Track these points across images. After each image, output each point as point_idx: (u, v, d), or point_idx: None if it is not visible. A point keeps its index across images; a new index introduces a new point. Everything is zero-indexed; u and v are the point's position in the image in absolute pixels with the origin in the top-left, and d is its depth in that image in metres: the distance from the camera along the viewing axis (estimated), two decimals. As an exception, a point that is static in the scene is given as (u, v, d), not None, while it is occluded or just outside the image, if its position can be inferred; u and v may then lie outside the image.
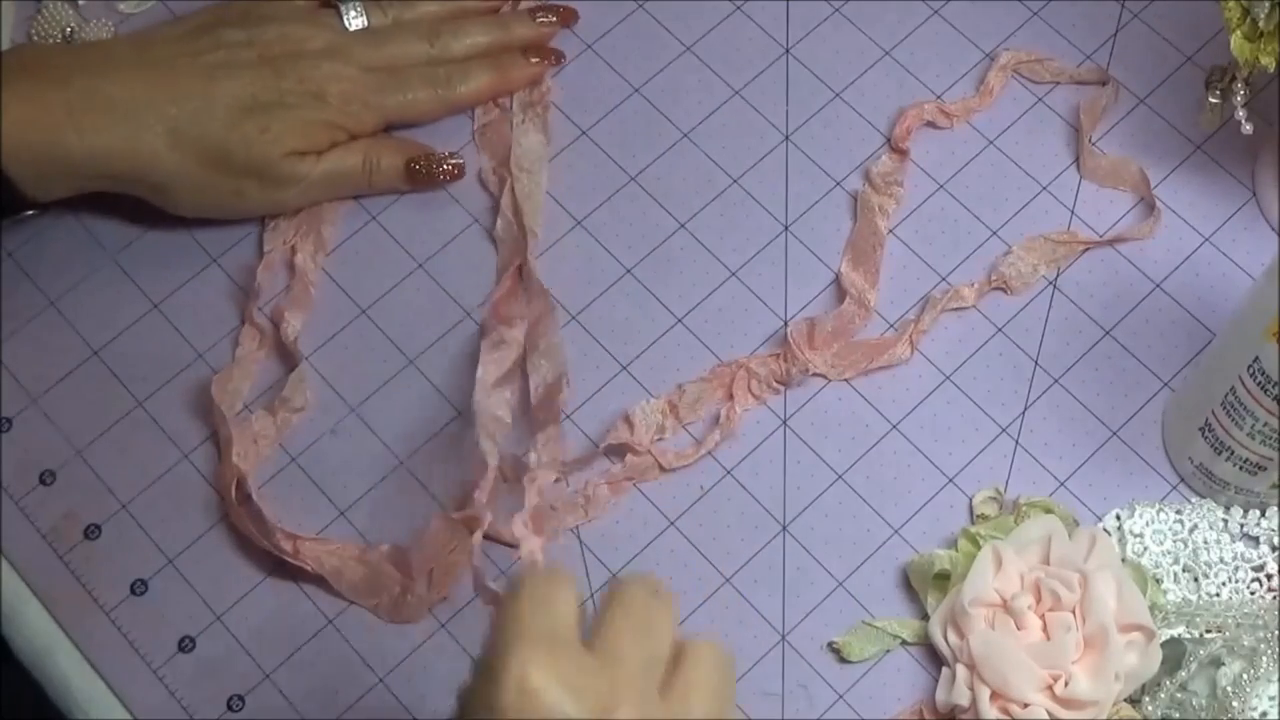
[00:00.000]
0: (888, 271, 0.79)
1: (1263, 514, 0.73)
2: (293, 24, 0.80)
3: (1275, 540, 0.73)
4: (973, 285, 0.78)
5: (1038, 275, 0.78)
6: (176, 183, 0.78)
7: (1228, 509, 0.74)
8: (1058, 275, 0.79)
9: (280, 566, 0.74)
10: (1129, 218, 0.80)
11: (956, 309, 0.78)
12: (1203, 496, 0.74)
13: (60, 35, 0.85)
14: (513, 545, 0.73)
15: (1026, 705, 0.68)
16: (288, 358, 0.78)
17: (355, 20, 0.81)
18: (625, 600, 0.57)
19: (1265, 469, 0.71)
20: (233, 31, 0.79)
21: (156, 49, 0.78)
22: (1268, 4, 0.70)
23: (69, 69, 0.76)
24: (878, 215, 0.80)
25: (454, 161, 0.81)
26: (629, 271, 0.80)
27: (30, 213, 0.79)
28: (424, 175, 0.81)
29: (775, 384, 0.77)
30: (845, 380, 0.77)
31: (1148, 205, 0.80)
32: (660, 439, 0.76)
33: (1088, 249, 0.79)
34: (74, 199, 0.81)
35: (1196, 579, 0.72)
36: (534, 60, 0.83)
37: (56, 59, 0.77)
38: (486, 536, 0.73)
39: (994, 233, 0.80)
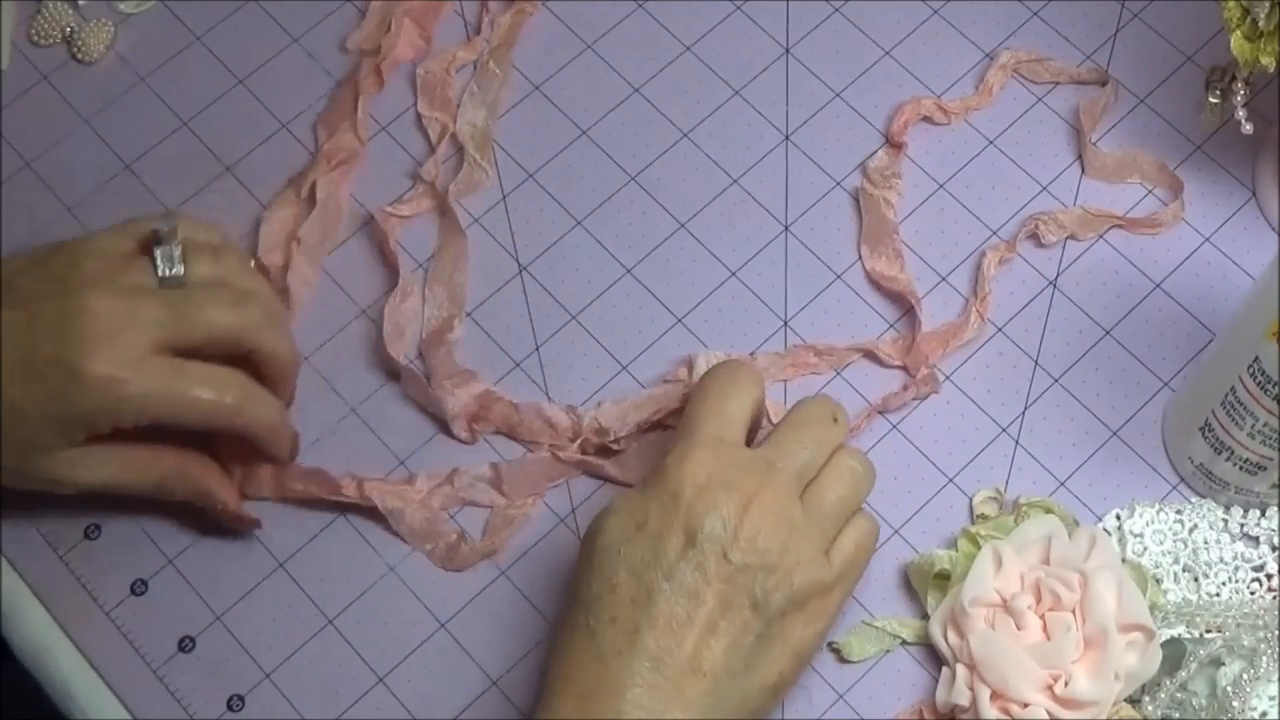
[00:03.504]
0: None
1: (1263, 514, 0.73)
2: (93, 259, 0.70)
3: (1275, 540, 0.73)
4: (1010, 241, 0.79)
5: (1065, 233, 0.79)
6: None
7: (1228, 509, 0.74)
8: (1058, 275, 0.79)
9: (279, 566, 0.74)
10: (1132, 215, 0.80)
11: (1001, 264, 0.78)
12: (1203, 496, 0.74)
13: (60, 35, 0.85)
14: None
15: (1026, 705, 0.68)
16: None
17: (168, 269, 0.70)
18: (800, 418, 0.70)
19: (1265, 469, 0.71)
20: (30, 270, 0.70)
21: None
22: (1268, 4, 0.70)
23: None
24: (884, 207, 0.80)
25: (249, 519, 0.74)
26: (629, 271, 0.80)
27: None
28: (213, 513, 0.74)
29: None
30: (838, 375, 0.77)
31: (1156, 198, 0.80)
32: None
33: (1113, 226, 0.79)
34: (78, 198, 0.81)
35: (1196, 579, 0.72)
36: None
37: None
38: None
39: (994, 232, 0.80)
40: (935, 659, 0.72)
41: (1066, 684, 0.68)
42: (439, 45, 0.85)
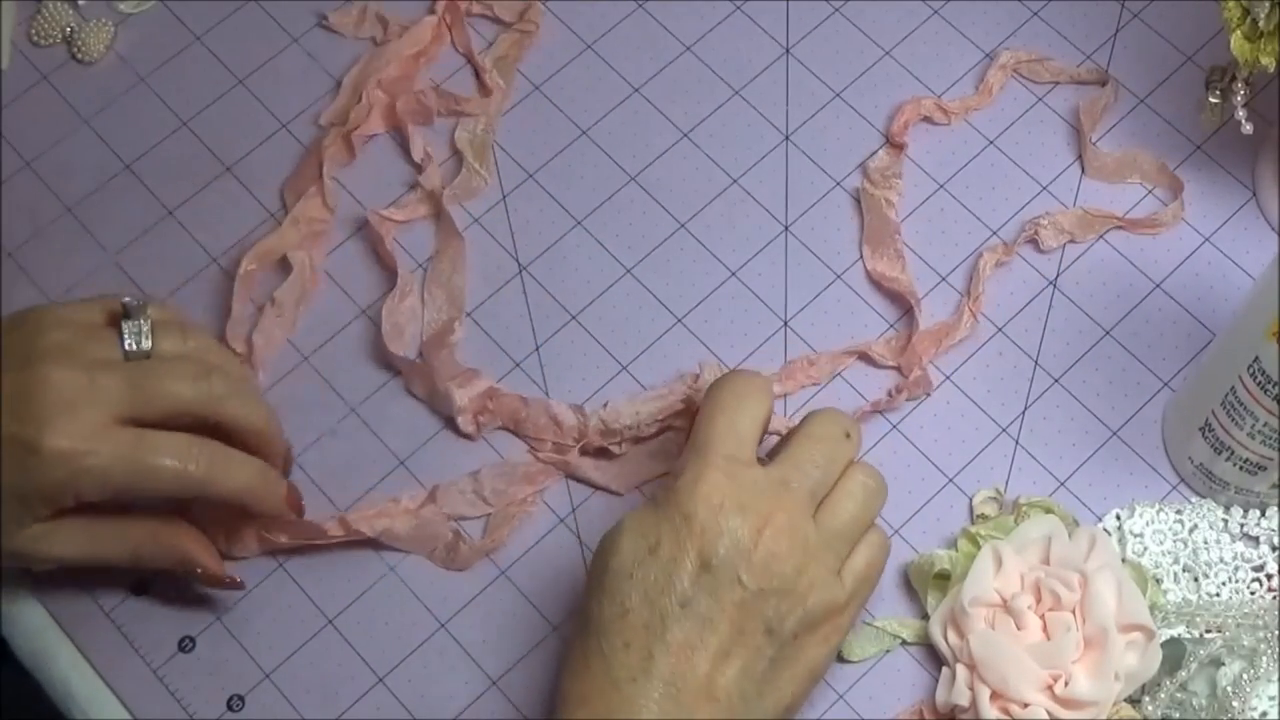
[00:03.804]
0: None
1: (1263, 514, 0.73)
2: (62, 330, 0.69)
3: (1275, 540, 0.73)
4: (1009, 243, 0.79)
5: (1065, 238, 0.79)
6: None
7: (1228, 509, 0.74)
8: (1058, 275, 0.79)
9: (279, 566, 0.74)
10: (1132, 214, 0.80)
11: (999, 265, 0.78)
12: (1203, 496, 0.74)
13: (60, 35, 0.85)
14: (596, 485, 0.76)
15: (1026, 705, 0.68)
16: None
17: (135, 343, 0.69)
18: (812, 433, 0.69)
19: (1265, 469, 0.71)
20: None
21: None
22: (1268, 4, 0.70)
23: None
24: (885, 207, 0.80)
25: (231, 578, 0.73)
26: (629, 271, 0.80)
27: None
28: (194, 578, 0.73)
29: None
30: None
31: (1156, 198, 0.80)
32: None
33: (1114, 227, 0.79)
34: (78, 198, 0.81)
35: (1196, 579, 0.72)
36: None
37: None
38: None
39: (994, 232, 0.80)
40: (935, 659, 0.72)
41: (1066, 684, 0.68)
42: (435, 79, 0.84)
